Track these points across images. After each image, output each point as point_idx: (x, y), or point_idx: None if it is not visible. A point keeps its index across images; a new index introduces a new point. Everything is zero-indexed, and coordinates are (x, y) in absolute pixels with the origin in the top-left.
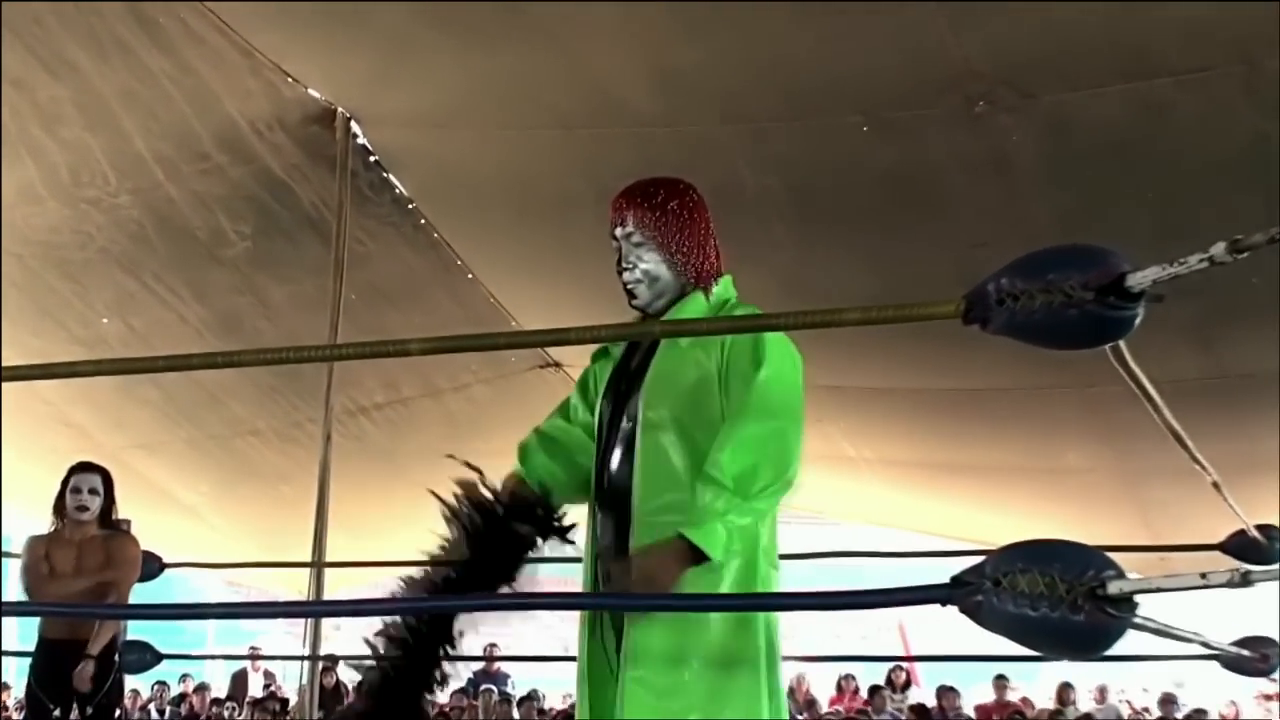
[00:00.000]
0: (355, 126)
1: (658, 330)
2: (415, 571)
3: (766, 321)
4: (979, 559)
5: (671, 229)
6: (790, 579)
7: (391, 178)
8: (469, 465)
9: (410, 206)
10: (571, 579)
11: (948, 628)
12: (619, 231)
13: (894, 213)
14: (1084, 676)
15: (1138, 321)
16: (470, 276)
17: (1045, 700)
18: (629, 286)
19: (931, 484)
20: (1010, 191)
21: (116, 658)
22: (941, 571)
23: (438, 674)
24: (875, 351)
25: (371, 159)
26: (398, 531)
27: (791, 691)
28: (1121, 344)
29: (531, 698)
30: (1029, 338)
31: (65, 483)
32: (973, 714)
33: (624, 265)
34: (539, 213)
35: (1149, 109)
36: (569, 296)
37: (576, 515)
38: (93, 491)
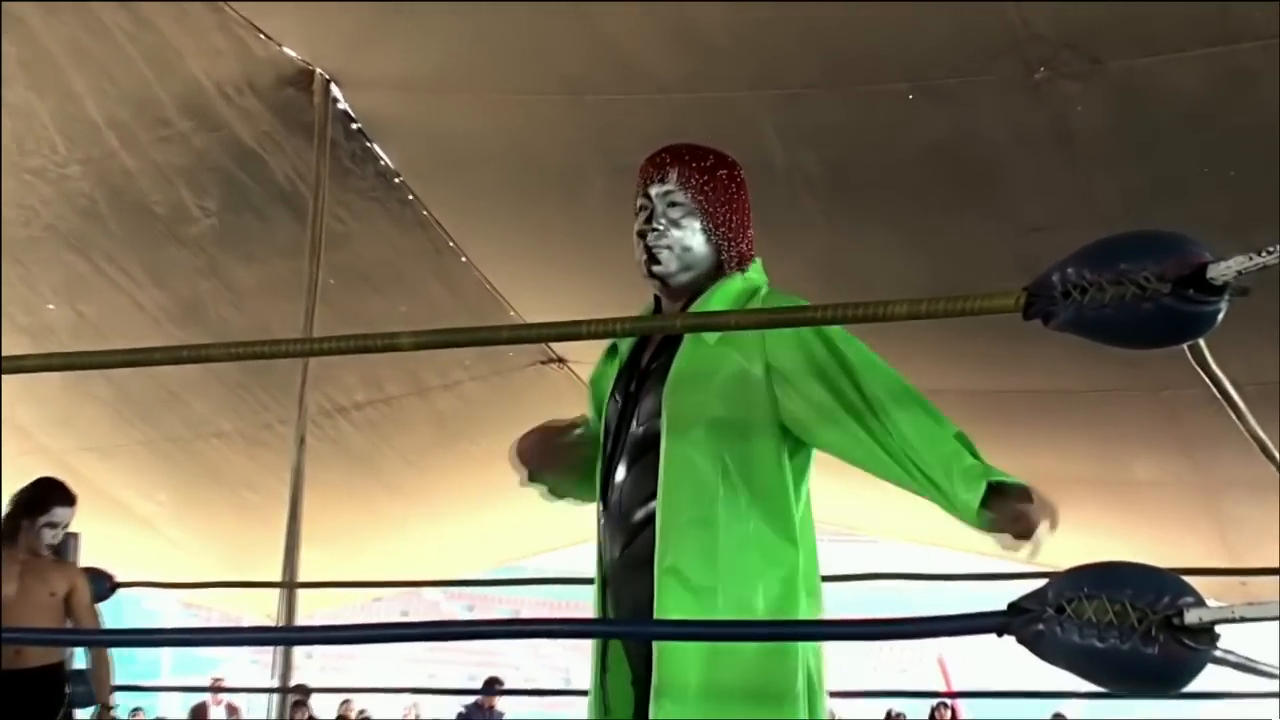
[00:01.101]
0: (335, 90)
1: (679, 325)
2: None
3: (802, 315)
4: (1038, 583)
5: (720, 199)
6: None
7: (376, 148)
8: None
9: (397, 181)
10: (566, 603)
11: (992, 661)
12: (655, 190)
13: (941, 192)
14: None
15: (1220, 317)
16: (463, 260)
17: None
18: (653, 249)
19: None
20: (1073, 169)
21: (67, 689)
22: (994, 597)
23: None
24: (919, 347)
25: (353, 127)
26: (380, 546)
27: None
28: (1201, 342)
29: None
30: (1098, 335)
31: (36, 506)
32: None
33: (654, 226)
34: (542, 189)
35: (1231, 77)
36: (574, 283)
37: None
38: (66, 526)
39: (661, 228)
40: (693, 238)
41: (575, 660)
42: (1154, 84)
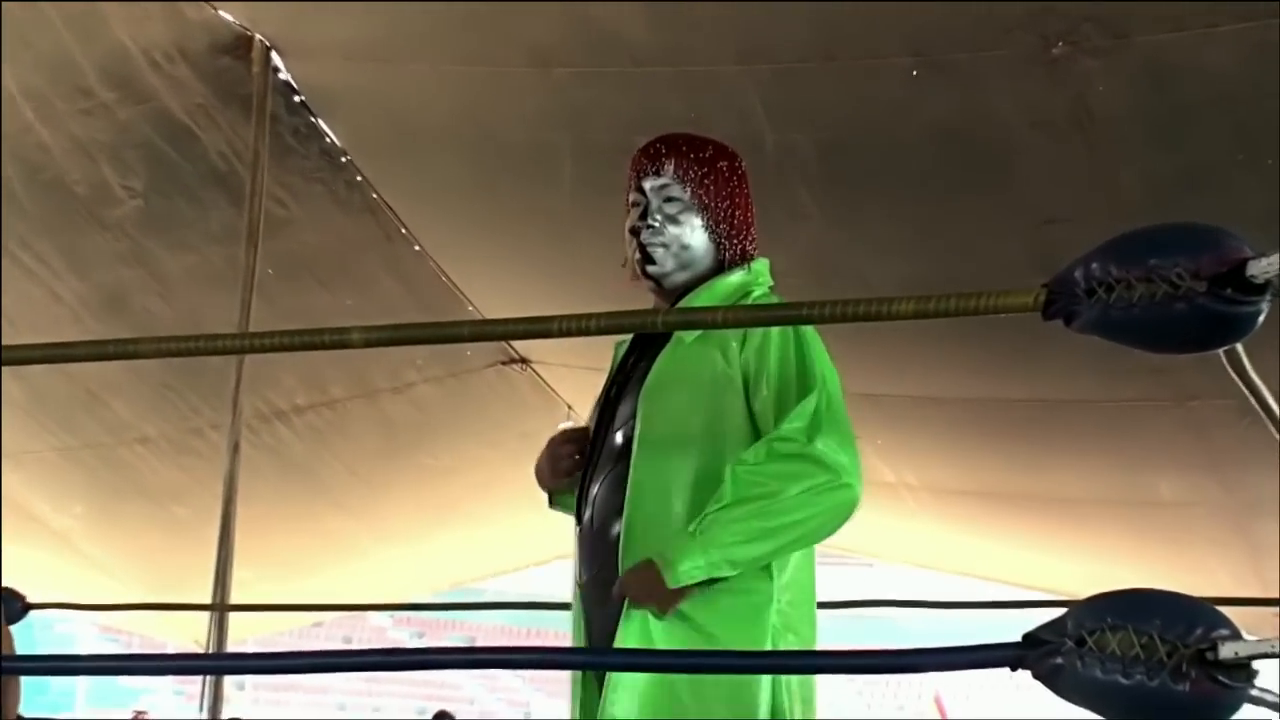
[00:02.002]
0: (276, 58)
1: (661, 322)
2: None
3: (798, 313)
4: (1056, 613)
5: (721, 193)
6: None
7: (321, 124)
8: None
9: (343, 160)
10: (526, 630)
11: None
12: (649, 184)
13: (949, 180)
14: None
15: (1260, 319)
16: (417, 249)
17: None
18: (648, 248)
19: (991, 518)
20: (1094, 155)
21: None
22: (1005, 627)
23: None
24: (923, 351)
25: (296, 100)
26: (321, 566)
27: None
28: (1239, 347)
29: None
30: (1124, 337)
31: None
32: None
33: (648, 222)
34: (505, 172)
35: (1268, 54)
36: (540, 276)
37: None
38: None
39: (657, 224)
40: (691, 235)
41: (536, 695)
42: (1183, 61)
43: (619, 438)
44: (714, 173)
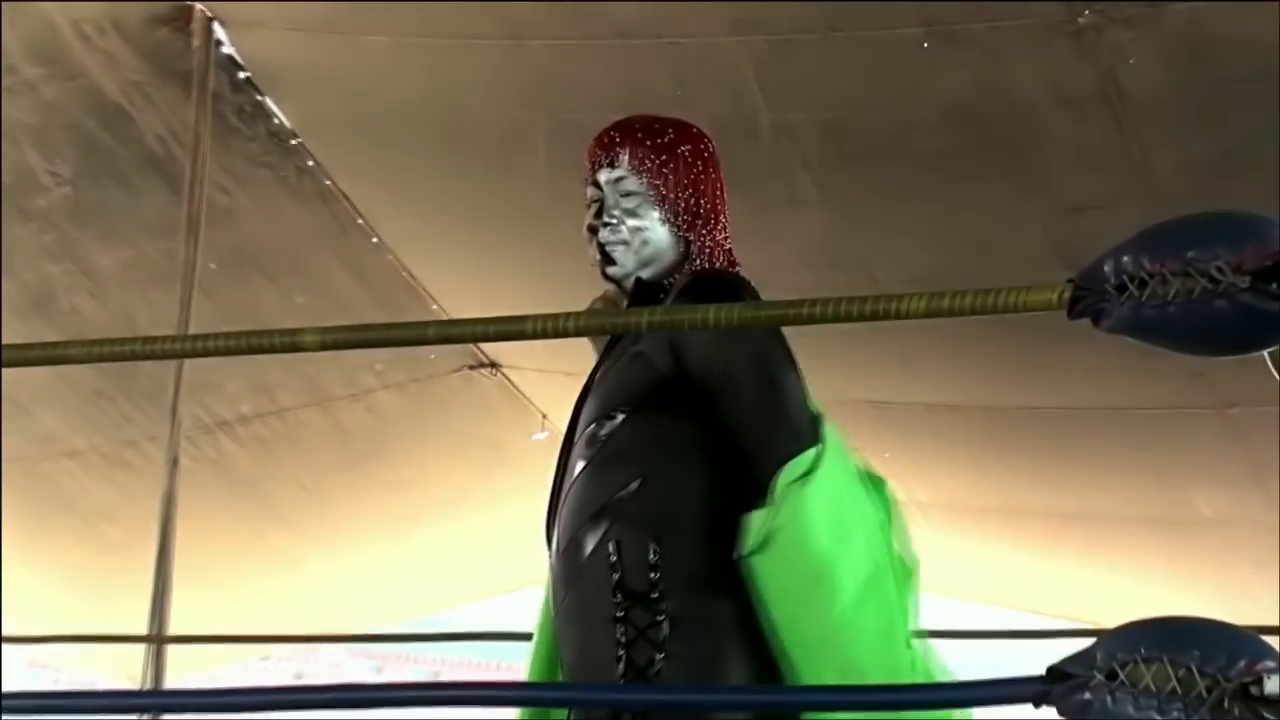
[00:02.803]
0: (219, 30)
1: (645, 323)
2: None
3: (797, 312)
4: (1084, 643)
5: (681, 181)
6: None
7: (268, 102)
8: None
9: (294, 143)
10: (495, 664)
11: None
12: (604, 175)
13: (965, 162)
14: None
15: None
16: (376, 241)
17: None
18: (606, 248)
19: (1011, 538)
20: (1125, 135)
21: None
22: (1027, 659)
23: None
24: (936, 354)
25: (241, 76)
26: (269, 593)
27: None
28: None
29: None
30: (1159, 338)
31: None
32: None
33: (605, 220)
34: (473, 156)
35: None
36: (513, 270)
37: None
38: None
39: (614, 221)
40: (653, 228)
41: None
42: (1223, 31)
43: (572, 457)
44: (674, 159)
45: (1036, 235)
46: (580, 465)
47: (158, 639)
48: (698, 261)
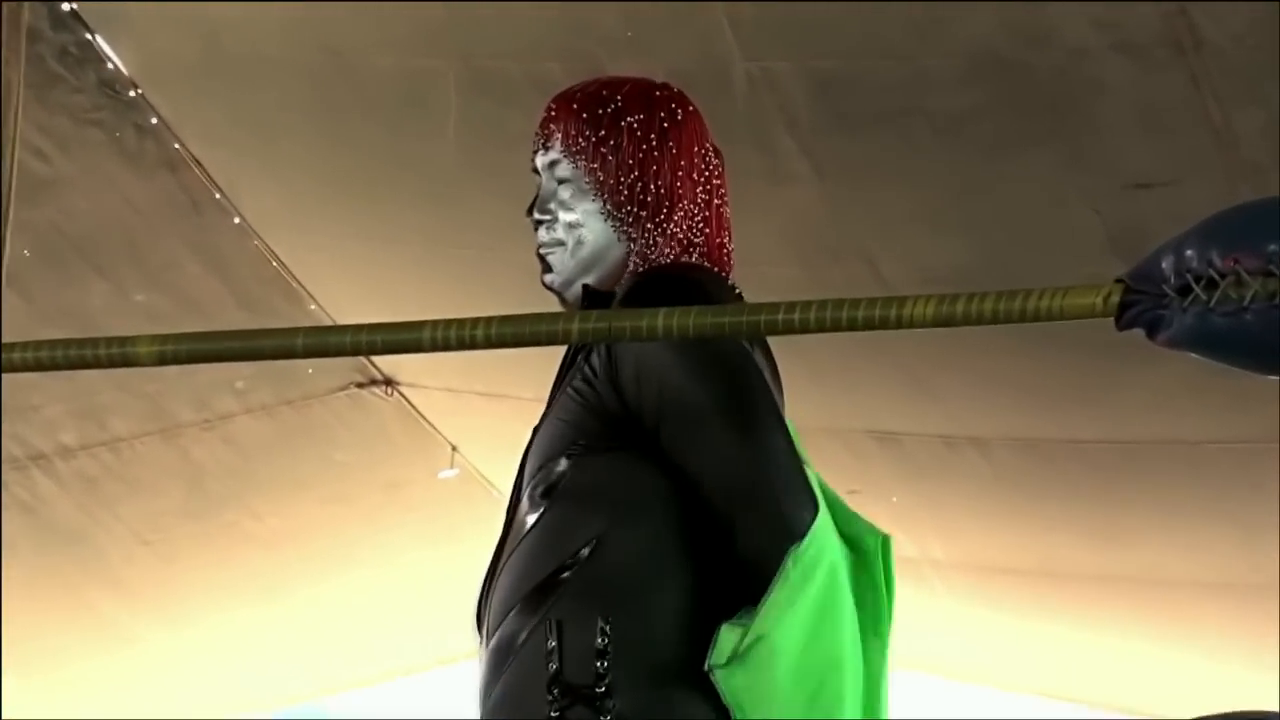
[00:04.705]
0: None
1: (574, 330)
2: None
3: (773, 318)
4: None
5: (624, 163)
6: None
7: (100, 42)
8: None
9: (132, 94)
10: None
11: None
12: (540, 159)
13: (994, 125)
14: None
15: None
16: (237, 221)
17: None
18: (542, 250)
19: (1049, 607)
20: (1197, 95)
21: None
22: None
23: None
24: (953, 372)
25: (65, 8)
26: (104, 674)
27: None
28: None
29: None
30: (1231, 353)
31: None
32: None
33: (537, 215)
34: (365, 114)
35: None
36: (415, 262)
37: None
38: None
39: (548, 217)
40: (587, 225)
41: None
42: None
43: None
44: (615, 134)
45: (1086, 220)
46: (529, 523)
47: None
48: (635, 261)
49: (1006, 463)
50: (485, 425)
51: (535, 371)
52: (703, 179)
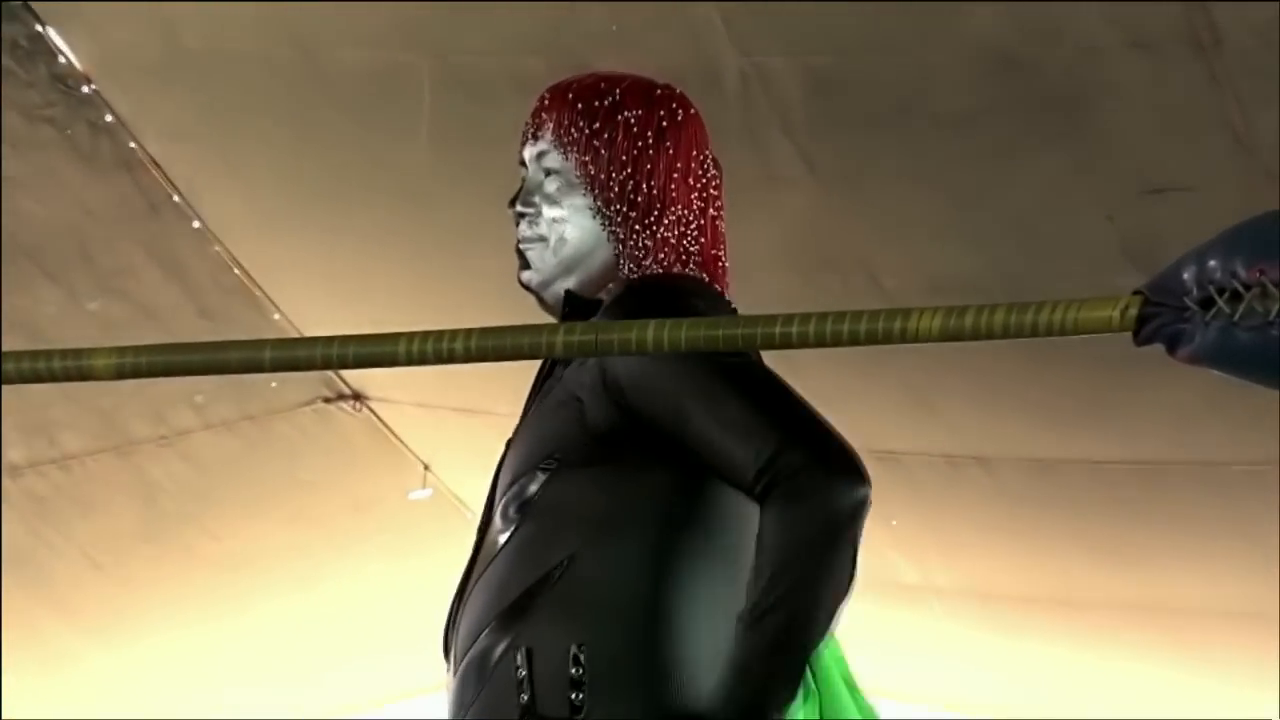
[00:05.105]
0: None
1: (559, 343)
2: None
3: (769, 331)
4: None
5: (618, 159)
6: None
7: (52, 35)
8: None
9: (86, 90)
10: None
11: None
12: (528, 150)
13: (1003, 125)
14: None
15: None
16: (197, 226)
17: None
18: (521, 245)
19: (1064, 638)
20: (1221, 91)
21: None
22: None
23: None
24: (959, 389)
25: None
26: (51, 706)
27: None
28: None
29: None
30: (1256, 371)
31: None
32: None
33: (519, 208)
34: (334, 112)
35: None
36: (386, 270)
37: None
38: None
39: (531, 210)
40: (572, 222)
41: None
42: None
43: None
44: (610, 128)
45: (1098, 227)
46: (500, 542)
47: None
48: (627, 266)
49: (1013, 483)
50: (459, 442)
51: (513, 385)
52: (699, 185)
